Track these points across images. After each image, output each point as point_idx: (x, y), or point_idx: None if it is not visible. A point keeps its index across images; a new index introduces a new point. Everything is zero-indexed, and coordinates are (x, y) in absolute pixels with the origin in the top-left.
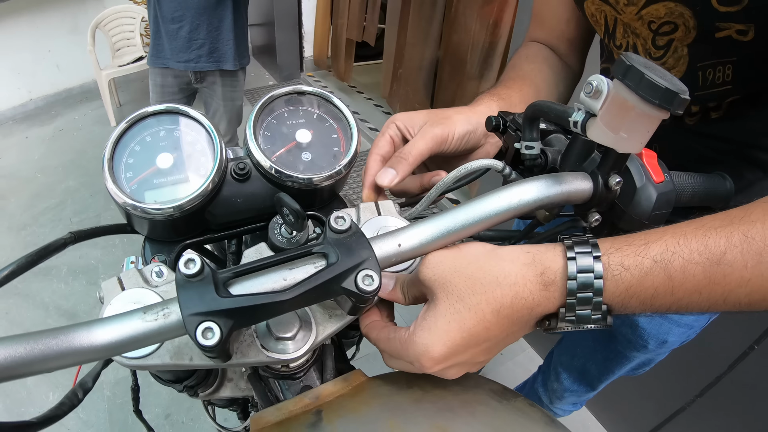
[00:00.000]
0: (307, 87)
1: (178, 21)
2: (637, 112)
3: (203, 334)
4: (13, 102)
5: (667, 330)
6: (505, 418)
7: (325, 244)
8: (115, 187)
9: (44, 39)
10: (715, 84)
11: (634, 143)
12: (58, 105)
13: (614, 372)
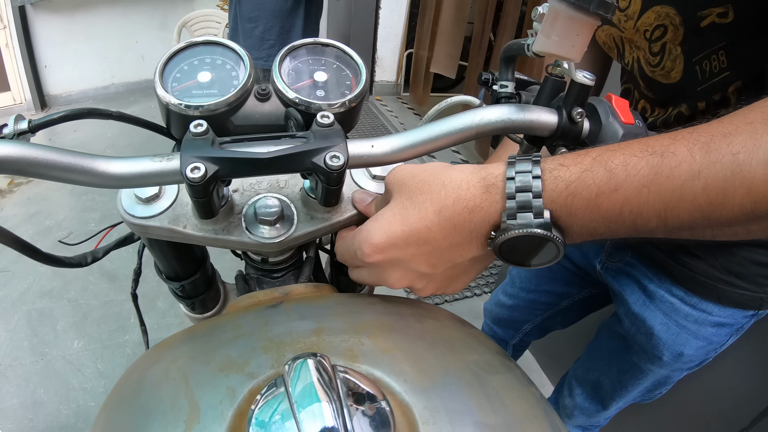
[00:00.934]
0: (327, 40)
1: (254, 21)
2: (564, 16)
3: (191, 170)
4: (96, 83)
5: (684, 341)
6: (452, 336)
7: (309, 132)
8: (162, 90)
9: (134, 30)
10: (713, 74)
11: (566, 47)
12: (137, 93)
13: (627, 388)
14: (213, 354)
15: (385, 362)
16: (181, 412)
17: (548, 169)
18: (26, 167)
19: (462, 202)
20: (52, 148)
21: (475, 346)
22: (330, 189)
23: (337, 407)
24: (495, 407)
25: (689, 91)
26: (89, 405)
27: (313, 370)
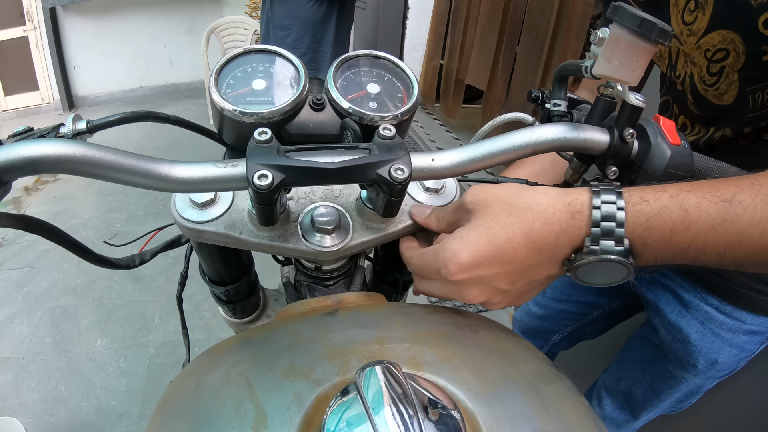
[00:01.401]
0: (380, 52)
1: (286, 29)
2: (625, 42)
3: (259, 178)
4: (124, 86)
5: (718, 349)
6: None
7: (372, 144)
8: (217, 95)
9: (162, 35)
10: (764, 106)
11: (627, 72)
12: (164, 96)
13: (660, 397)
14: (276, 360)
15: (448, 371)
16: (246, 417)
17: (631, 203)
18: (89, 168)
19: (549, 226)
20: (116, 150)
21: (527, 357)
22: (392, 200)
23: (412, 414)
24: (552, 415)
25: (738, 115)
26: (110, 403)
27: (385, 377)
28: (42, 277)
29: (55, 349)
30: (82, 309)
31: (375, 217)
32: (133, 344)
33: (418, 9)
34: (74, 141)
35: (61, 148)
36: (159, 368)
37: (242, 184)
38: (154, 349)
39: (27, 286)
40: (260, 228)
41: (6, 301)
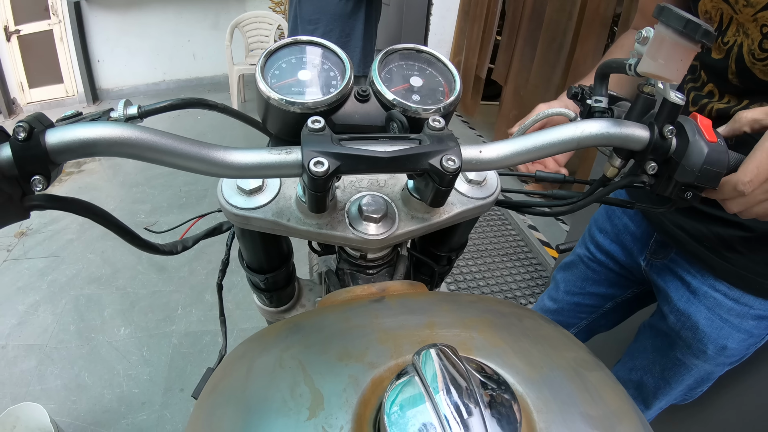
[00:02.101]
0: (423, 47)
1: (314, 23)
2: (670, 42)
3: (315, 164)
4: (148, 80)
5: (727, 335)
6: (549, 334)
7: (422, 135)
8: (264, 84)
9: (186, 29)
10: None
11: (671, 70)
12: (188, 90)
13: (671, 385)
14: (328, 344)
15: (497, 355)
16: (302, 399)
17: None
18: (143, 151)
19: None
20: (171, 134)
21: (569, 344)
22: (441, 190)
23: (469, 395)
24: (595, 400)
25: None
26: (133, 391)
27: (440, 360)
28: (66, 266)
29: (78, 337)
30: (105, 298)
31: (421, 206)
32: (156, 334)
33: (442, 5)
34: (129, 125)
35: (116, 131)
36: (182, 358)
37: (296, 170)
38: (177, 339)
39: (51, 275)
40: (308, 215)
41: (30, 289)
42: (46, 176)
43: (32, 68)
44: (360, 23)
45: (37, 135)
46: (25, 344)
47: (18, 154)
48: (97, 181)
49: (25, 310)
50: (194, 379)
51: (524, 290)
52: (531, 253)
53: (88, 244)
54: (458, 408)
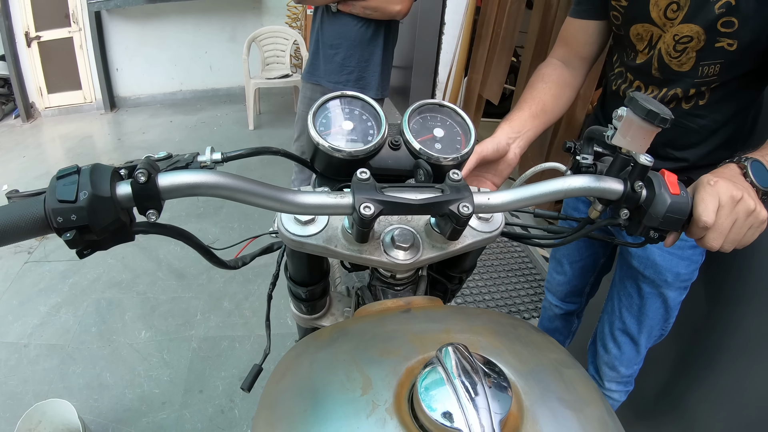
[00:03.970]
0: (445, 102)
1: (335, 48)
2: (636, 125)
3: (364, 208)
4: (165, 89)
5: (677, 263)
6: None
7: (444, 185)
8: (315, 132)
9: (204, 41)
10: (707, 75)
11: (637, 145)
12: (204, 101)
13: (649, 316)
14: (371, 343)
15: (497, 354)
16: (356, 382)
17: None
18: (232, 194)
19: None
20: (253, 180)
21: (552, 348)
22: (457, 228)
23: (476, 380)
24: (569, 389)
25: (688, 79)
26: (153, 391)
27: (456, 354)
28: (87, 270)
29: (100, 338)
30: (126, 302)
31: (440, 238)
32: (176, 338)
33: (454, 25)
34: (223, 173)
35: (215, 178)
36: (201, 361)
37: (347, 210)
38: (197, 343)
39: (72, 278)
40: (351, 243)
41: (52, 291)
42: (158, 210)
43: (51, 74)
44: (379, 49)
45: (153, 179)
46: (48, 344)
47: (137, 193)
48: None
49: (47, 311)
50: (213, 381)
51: (527, 304)
52: (535, 269)
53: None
54: (468, 388)
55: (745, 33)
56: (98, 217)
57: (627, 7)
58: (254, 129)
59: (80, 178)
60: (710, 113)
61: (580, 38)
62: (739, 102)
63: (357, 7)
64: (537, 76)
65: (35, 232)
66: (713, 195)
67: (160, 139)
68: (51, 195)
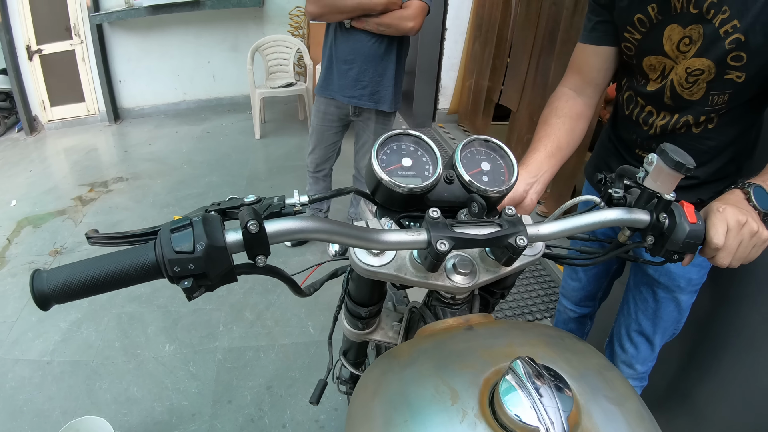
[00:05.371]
0: (489, 138)
1: (349, 63)
2: (665, 173)
3: (440, 244)
4: (168, 99)
5: (689, 270)
6: (581, 347)
7: (500, 220)
8: (379, 168)
9: (206, 51)
10: (716, 104)
11: (665, 188)
12: (208, 110)
13: (663, 319)
14: (450, 360)
15: (553, 362)
16: (444, 394)
17: None
18: (328, 236)
19: None
20: (346, 224)
21: (593, 354)
22: (512, 257)
23: (544, 383)
24: (611, 388)
25: (699, 107)
26: (182, 404)
27: (525, 365)
28: None
29: (124, 353)
30: (147, 316)
31: (493, 263)
32: (200, 350)
33: (456, 30)
34: (319, 218)
35: (314, 224)
36: (227, 372)
37: (423, 246)
38: (222, 355)
39: None
40: (418, 270)
41: (70, 306)
42: (266, 255)
43: (54, 87)
44: (392, 64)
45: (263, 228)
46: (71, 360)
47: (249, 242)
48: (126, 202)
49: (67, 327)
50: (241, 391)
51: (539, 305)
52: (546, 272)
53: None
54: (539, 392)
55: (752, 66)
56: (214, 265)
57: (640, 40)
58: (261, 138)
59: (194, 229)
60: (718, 135)
61: (595, 65)
62: (744, 123)
63: (371, 24)
64: (550, 110)
65: (145, 279)
66: (722, 221)
67: (168, 150)
68: (167, 246)
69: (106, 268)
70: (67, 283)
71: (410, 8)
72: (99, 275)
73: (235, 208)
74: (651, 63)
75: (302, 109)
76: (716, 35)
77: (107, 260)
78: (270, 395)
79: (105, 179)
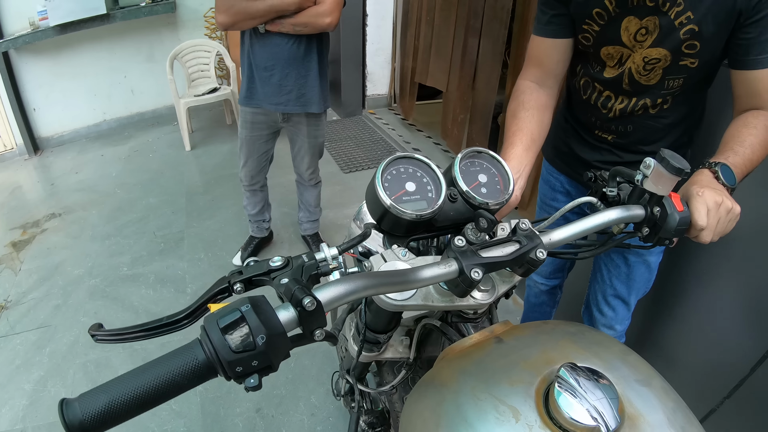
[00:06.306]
0: (483, 149)
1: (270, 69)
2: (665, 177)
3: (473, 273)
4: (88, 122)
5: None
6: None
7: (518, 236)
8: (385, 196)
9: (121, 65)
10: (671, 87)
11: (663, 190)
12: (131, 127)
13: (635, 280)
14: (496, 378)
15: (585, 359)
16: (506, 414)
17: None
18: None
19: None
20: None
21: (612, 342)
22: (531, 269)
23: (590, 381)
24: (637, 371)
25: (655, 91)
26: None
27: (571, 369)
28: (61, 334)
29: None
30: (114, 359)
31: (509, 275)
32: None
33: (376, 15)
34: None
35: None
36: (212, 403)
37: (455, 275)
38: (202, 386)
39: (48, 346)
40: (443, 294)
41: (31, 365)
42: (324, 326)
43: None
44: (314, 63)
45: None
46: (46, 423)
47: (305, 320)
48: (64, 240)
49: (32, 388)
50: (231, 419)
51: None
52: None
53: (78, 307)
54: (589, 391)
55: (705, 53)
56: (277, 353)
57: (599, 31)
58: (191, 149)
59: (249, 323)
60: (672, 113)
61: (554, 57)
62: (694, 100)
63: (286, 26)
64: (517, 104)
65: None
66: (703, 203)
67: (97, 177)
68: (222, 349)
69: (150, 383)
70: (108, 409)
71: (325, 3)
72: (144, 393)
73: (263, 275)
74: (609, 52)
75: (229, 114)
76: (672, 26)
77: (149, 375)
78: (261, 418)
79: (36, 218)
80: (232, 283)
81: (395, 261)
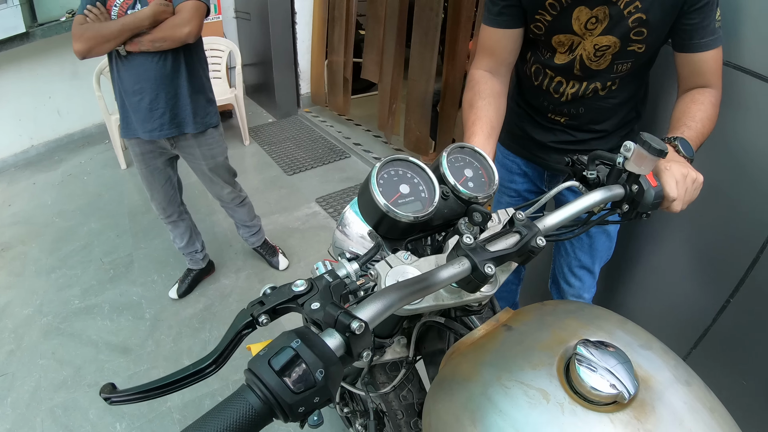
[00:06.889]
0: (465, 144)
1: (138, 93)
2: (646, 157)
3: (487, 268)
4: (14, 149)
5: None
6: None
7: (516, 227)
8: (382, 200)
9: (45, 86)
10: (620, 71)
11: (645, 170)
12: (61, 150)
13: (599, 250)
14: (516, 363)
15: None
16: (537, 397)
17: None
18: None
19: None
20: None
21: (612, 315)
22: (531, 256)
23: (606, 352)
24: (638, 337)
25: (604, 75)
26: None
27: (585, 344)
28: (21, 380)
29: None
30: (81, 400)
31: (507, 263)
32: (154, 417)
33: (306, 12)
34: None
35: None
36: None
37: (467, 273)
38: (179, 413)
39: (9, 396)
40: (452, 292)
41: None
42: (370, 347)
43: None
44: (184, 80)
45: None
46: None
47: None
48: (6, 279)
49: None
50: None
51: None
52: None
53: (33, 349)
54: (607, 361)
55: (651, 38)
56: (335, 383)
57: (551, 21)
58: (127, 167)
59: (305, 359)
60: (620, 93)
61: (506, 46)
62: (639, 80)
63: (145, 43)
64: (473, 94)
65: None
66: (672, 176)
67: (31, 207)
68: (284, 393)
69: None
70: None
71: (183, 12)
72: None
73: (289, 302)
74: (560, 40)
75: None
76: (621, 15)
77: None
78: None
79: None
80: (256, 315)
81: (401, 266)
